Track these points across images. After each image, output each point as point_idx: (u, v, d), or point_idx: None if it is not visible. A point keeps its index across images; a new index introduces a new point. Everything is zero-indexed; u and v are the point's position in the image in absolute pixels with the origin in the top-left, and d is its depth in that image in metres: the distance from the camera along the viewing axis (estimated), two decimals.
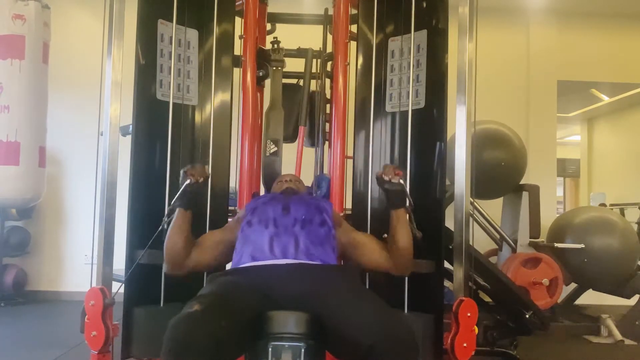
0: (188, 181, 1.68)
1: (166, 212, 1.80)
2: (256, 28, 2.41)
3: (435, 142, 2.17)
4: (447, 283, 2.22)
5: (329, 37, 2.60)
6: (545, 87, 5.14)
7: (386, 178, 1.70)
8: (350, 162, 2.34)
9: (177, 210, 1.72)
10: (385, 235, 1.91)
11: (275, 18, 2.74)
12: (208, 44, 2.34)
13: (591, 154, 7.53)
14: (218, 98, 2.33)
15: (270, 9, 2.70)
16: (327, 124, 2.72)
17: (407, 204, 1.77)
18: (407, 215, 1.79)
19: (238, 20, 2.42)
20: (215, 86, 2.32)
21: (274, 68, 2.50)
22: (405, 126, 2.22)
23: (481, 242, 3.92)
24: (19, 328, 3.64)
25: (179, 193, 1.70)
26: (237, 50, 2.43)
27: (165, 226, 1.78)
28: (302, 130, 2.49)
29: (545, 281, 3.36)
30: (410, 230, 1.76)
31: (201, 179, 1.69)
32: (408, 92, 2.25)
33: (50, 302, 4.57)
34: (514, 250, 3.65)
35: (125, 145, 2.07)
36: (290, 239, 1.65)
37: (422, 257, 2.04)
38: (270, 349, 1.32)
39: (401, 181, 1.71)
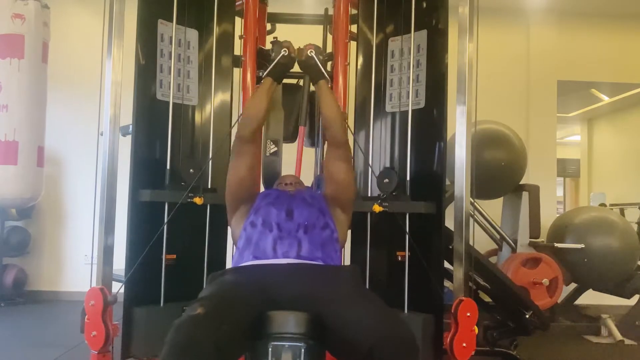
0: (284, 52, 1.81)
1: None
2: (256, 28, 2.41)
3: (435, 142, 2.17)
4: (447, 283, 2.22)
5: (329, 37, 2.59)
6: (545, 87, 5.14)
7: (301, 57, 1.87)
8: None
9: (267, 79, 1.86)
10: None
11: (275, 18, 2.74)
12: (208, 44, 2.34)
13: (591, 154, 7.53)
14: (218, 98, 2.33)
15: (270, 9, 2.69)
16: None
17: (323, 74, 1.89)
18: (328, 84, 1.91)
19: (238, 20, 2.42)
20: (215, 86, 2.32)
21: None
22: (405, 126, 2.22)
23: (481, 242, 3.92)
24: (19, 328, 3.64)
25: (272, 64, 1.84)
26: (237, 50, 2.43)
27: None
28: (302, 130, 2.49)
29: (545, 281, 3.36)
30: (333, 99, 1.87)
31: (294, 54, 1.86)
32: (408, 92, 2.25)
33: (50, 302, 4.56)
34: (514, 250, 3.65)
35: (125, 145, 2.07)
36: (294, 242, 1.65)
37: (422, 255, 2.04)
38: (270, 349, 1.32)
39: (311, 54, 1.87)
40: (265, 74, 1.89)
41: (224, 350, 1.25)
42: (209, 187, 2.23)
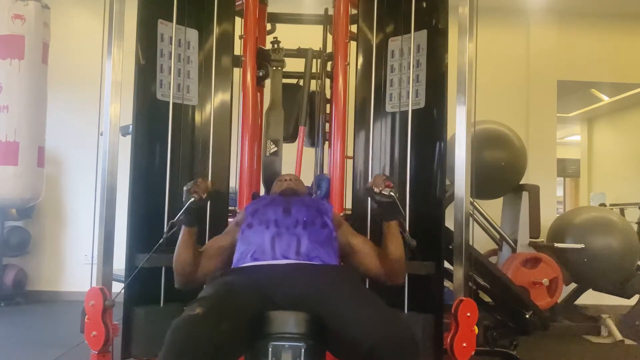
0: (192, 199, 1.62)
1: (165, 228, 1.73)
2: (256, 28, 2.41)
3: (435, 142, 2.17)
4: (447, 283, 2.22)
5: (329, 37, 2.60)
6: (545, 87, 5.14)
7: (376, 190, 1.65)
8: (350, 162, 2.34)
9: (183, 228, 1.68)
10: None
11: (275, 18, 2.74)
12: (208, 44, 2.34)
13: (591, 154, 7.53)
14: (218, 98, 2.33)
15: (270, 9, 2.70)
16: (327, 124, 2.72)
17: (399, 214, 1.73)
18: (400, 225, 1.76)
19: (238, 20, 2.42)
20: (215, 86, 2.32)
21: (274, 68, 2.50)
22: (405, 126, 2.22)
23: (481, 242, 3.92)
24: (19, 328, 3.64)
25: (182, 210, 1.64)
26: (237, 50, 2.43)
27: (164, 241, 1.73)
28: (302, 130, 2.49)
29: (545, 281, 3.36)
30: (401, 242, 1.74)
31: (204, 195, 1.63)
32: (408, 92, 2.25)
33: (50, 302, 4.56)
34: (514, 250, 3.64)
35: (125, 145, 2.07)
36: (292, 239, 1.65)
37: (422, 257, 2.04)
38: (270, 349, 1.32)
39: (392, 193, 1.65)
40: (177, 220, 1.69)
41: (221, 350, 1.25)
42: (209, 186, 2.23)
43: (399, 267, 1.76)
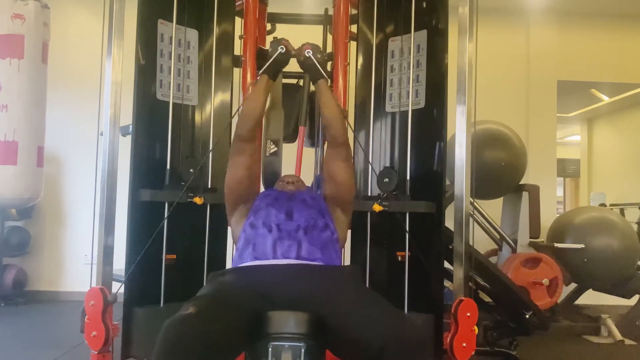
0: (281, 50, 1.79)
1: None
2: (256, 28, 2.41)
3: (435, 142, 2.17)
4: (447, 283, 2.22)
5: (329, 37, 2.59)
6: (545, 87, 5.13)
7: (300, 58, 1.85)
8: None
9: (262, 77, 1.84)
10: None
11: (275, 18, 2.74)
12: (208, 44, 2.34)
13: (591, 154, 7.53)
14: (218, 98, 2.33)
15: (270, 9, 2.69)
16: None
17: (321, 74, 1.86)
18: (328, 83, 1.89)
19: (238, 20, 2.42)
20: (215, 86, 2.32)
21: None
22: (405, 126, 2.22)
23: (481, 242, 3.92)
24: (19, 328, 3.64)
25: (269, 61, 1.80)
26: (237, 50, 2.43)
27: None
28: (302, 130, 2.49)
29: (545, 281, 3.36)
30: (333, 99, 1.85)
31: (293, 51, 1.83)
32: (408, 92, 2.25)
33: (50, 302, 4.56)
34: (514, 250, 3.64)
35: (125, 145, 2.07)
36: (293, 243, 1.65)
37: (422, 257, 2.04)
38: (270, 349, 1.32)
39: (308, 54, 1.83)
40: (261, 71, 1.88)
41: (214, 350, 1.24)
42: (209, 187, 2.23)
43: (338, 122, 1.83)
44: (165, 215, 2.06)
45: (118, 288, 1.94)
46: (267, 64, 1.85)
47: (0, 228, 4.38)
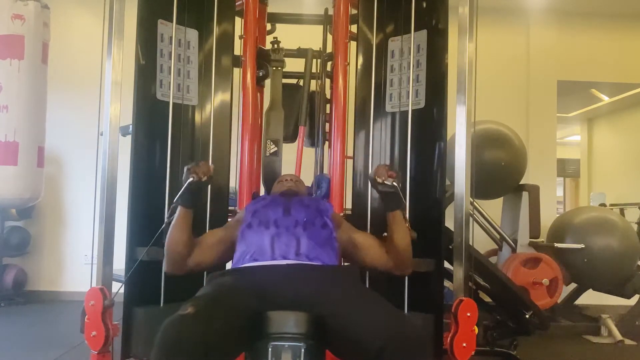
0: (191, 179, 1.62)
1: (167, 211, 1.77)
2: (256, 28, 2.41)
3: (435, 142, 2.17)
4: (447, 283, 2.22)
5: (329, 37, 2.59)
6: (545, 87, 5.14)
7: (379, 180, 1.67)
8: (350, 162, 2.34)
9: (179, 208, 1.69)
10: (385, 234, 1.92)
11: (275, 18, 2.74)
12: (208, 44, 2.34)
13: (591, 154, 7.53)
14: (218, 98, 2.32)
15: (270, 9, 2.69)
16: (327, 124, 2.72)
17: (402, 204, 1.76)
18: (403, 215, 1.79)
19: (238, 20, 2.42)
20: (215, 86, 2.32)
21: (274, 68, 2.49)
22: (405, 126, 2.22)
23: (481, 242, 3.92)
24: (19, 328, 3.64)
25: (181, 191, 1.65)
26: (237, 50, 2.43)
27: (166, 226, 1.77)
28: (302, 130, 2.49)
29: (545, 281, 3.36)
30: (406, 230, 1.76)
31: (204, 177, 1.64)
32: (408, 92, 2.25)
33: (50, 302, 4.56)
34: (514, 250, 3.64)
35: (125, 145, 2.07)
36: (292, 239, 1.65)
37: (422, 256, 2.04)
38: (270, 349, 1.32)
39: (394, 183, 1.67)
40: (175, 200, 1.71)
41: (213, 350, 1.24)
42: (209, 187, 2.23)
43: (407, 255, 1.77)
44: (165, 216, 2.06)
45: (118, 288, 1.94)
46: (179, 194, 1.68)
47: (0, 228, 4.38)
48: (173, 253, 1.71)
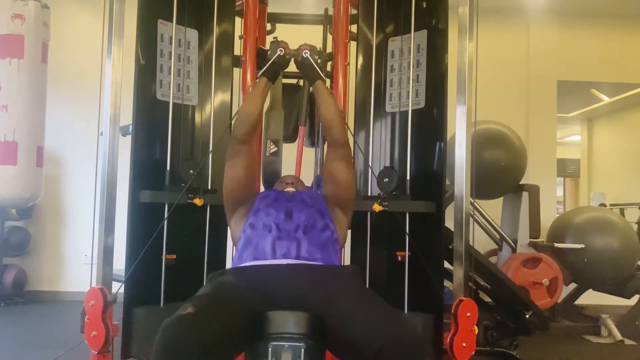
0: (280, 52, 1.79)
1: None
2: (256, 28, 2.41)
3: (435, 142, 2.17)
4: (447, 283, 2.22)
5: (329, 37, 2.59)
6: (545, 87, 5.14)
7: (297, 59, 1.85)
8: None
9: (261, 79, 1.84)
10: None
11: (275, 18, 2.74)
12: (208, 44, 2.34)
13: (591, 154, 7.53)
14: (218, 98, 2.33)
15: (270, 9, 2.69)
16: None
17: (318, 75, 1.87)
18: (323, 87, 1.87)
19: (238, 20, 2.42)
20: (215, 86, 2.32)
21: None
22: (405, 126, 2.22)
23: (481, 242, 3.92)
24: (18, 328, 3.64)
25: (268, 64, 1.80)
26: (237, 50, 2.43)
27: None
28: (302, 130, 2.49)
29: (545, 281, 3.36)
30: (330, 99, 1.84)
31: (289, 56, 1.83)
32: (408, 92, 2.25)
33: (50, 302, 4.56)
34: (514, 250, 3.65)
35: (125, 145, 2.07)
36: (293, 243, 1.65)
37: (422, 257, 2.04)
38: (270, 349, 1.32)
39: (305, 55, 1.84)
40: (260, 73, 1.88)
41: (212, 350, 1.24)
42: (209, 187, 2.23)
43: (336, 122, 1.82)
44: (165, 216, 2.06)
45: (118, 288, 1.94)
46: (266, 66, 1.85)
47: (0, 228, 4.38)
48: (249, 117, 1.80)
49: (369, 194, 2.32)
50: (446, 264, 2.16)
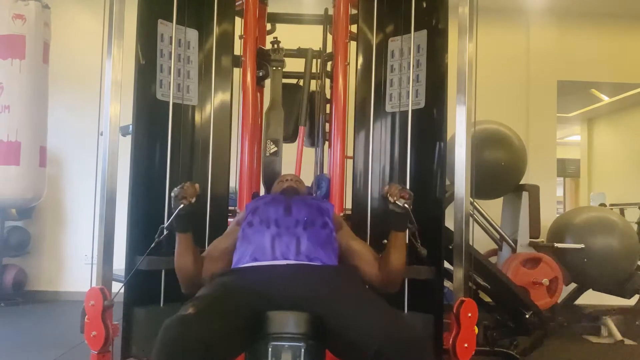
0: (181, 205, 1.61)
1: (163, 227, 1.73)
2: (256, 28, 2.41)
3: (435, 142, 2.17)
4: (447, 283, 2.22)
5: (329, 37, 2.60)
6: (545, 87, 5.14)
7: (391, 199, 1.64)
8: (350, 162, 2.34)
9: (178, 235, 1.68)
10: (385, 241, 1.92)
11: (275, 18, 2.74)
12: (208, 44, 2.34)
13: (591, 154, 7.53)
14: (218, 98, 2.33)
15: (270, 9, 2.70)
16: (327, 124, 2.72)
17: (411, 226, 1.71)
18: (413, 235, 1.76)
19: (238, 20, 2.42)
20: (215, 86, 2.32)
21: (274, 68, 2.50)
22: (405, 126, 2.22)
23: (481, 242, 3.92)
24: (19, 328, 3.64)
25: (173, 217, 1.64)
26: (237, 50, 2.43)
27: (158, 235, 1.75)
28: (302, 130, 2.49)
29: (545, 281, 3.36)
30: (404, 253, 1.71)
31: (193, 199, 1.63)
32: (408, 92, 2.25)
33: (50, 302, 4.56)
34: (514, 250, 3.64)
35: (125, 145, 2.07)
36: (292, 240, 1.65)
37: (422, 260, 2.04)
38: (270, 349, 1.32)
39: (406, 205, 1.62)
40: (169, 225, 1.71)
41: (213, 350, 1.24)
42: (209, 187, 2.23)
43: (397, 277, 1.74)
44: (165, 219, 2.06)
45: (119, 289, 1.94)
46: (172, 221, 1.66)
47: (0, 228, 4.38)
48: (185, 276, 1.71)
49: (369, 194, 2.32)
50: (446, 264, 2.16)
